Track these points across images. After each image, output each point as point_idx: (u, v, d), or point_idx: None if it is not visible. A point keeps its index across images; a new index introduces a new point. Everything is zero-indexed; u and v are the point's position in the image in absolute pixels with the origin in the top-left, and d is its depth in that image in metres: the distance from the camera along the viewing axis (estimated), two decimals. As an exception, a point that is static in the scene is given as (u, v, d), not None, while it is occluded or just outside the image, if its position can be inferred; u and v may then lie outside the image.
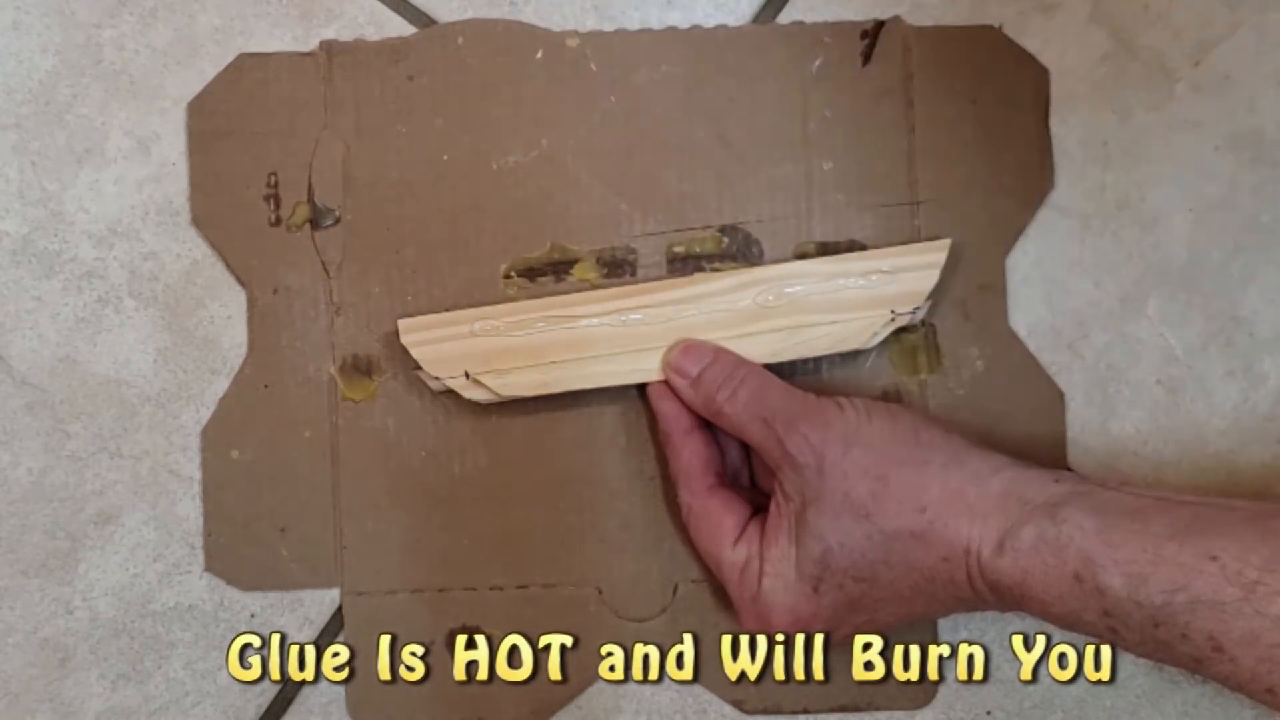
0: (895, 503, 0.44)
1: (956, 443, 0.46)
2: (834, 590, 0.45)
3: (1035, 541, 0.42)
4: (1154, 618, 0.40)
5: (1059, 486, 0.44)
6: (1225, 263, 0.51)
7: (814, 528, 0.45)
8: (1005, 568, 0.43)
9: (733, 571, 0.47)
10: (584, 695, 0.51)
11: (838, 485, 0.45)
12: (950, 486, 0.44)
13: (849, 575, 0.45)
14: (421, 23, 0.51)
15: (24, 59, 0.51)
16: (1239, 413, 0.51)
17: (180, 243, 0.51)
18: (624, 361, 0.49)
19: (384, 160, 0.51)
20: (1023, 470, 0.45)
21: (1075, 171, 0.51)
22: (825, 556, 0.45)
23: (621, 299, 0.49)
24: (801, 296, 0.49)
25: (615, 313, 0.49)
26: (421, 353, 0.49)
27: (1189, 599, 0.40)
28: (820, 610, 0.46)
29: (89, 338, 0.51)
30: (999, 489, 0.44)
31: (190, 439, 0.51)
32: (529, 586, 0.51)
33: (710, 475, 0.49)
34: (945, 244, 0.49)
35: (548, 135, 0.51)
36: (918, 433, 0.45)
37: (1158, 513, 0.42)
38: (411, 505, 0.51)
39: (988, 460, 0.45)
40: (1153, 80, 0.51)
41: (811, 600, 0.46)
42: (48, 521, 0.51)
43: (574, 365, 0.49)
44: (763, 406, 0.46)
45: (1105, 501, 0.43)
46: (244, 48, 0.51)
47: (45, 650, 0.51)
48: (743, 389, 0.47)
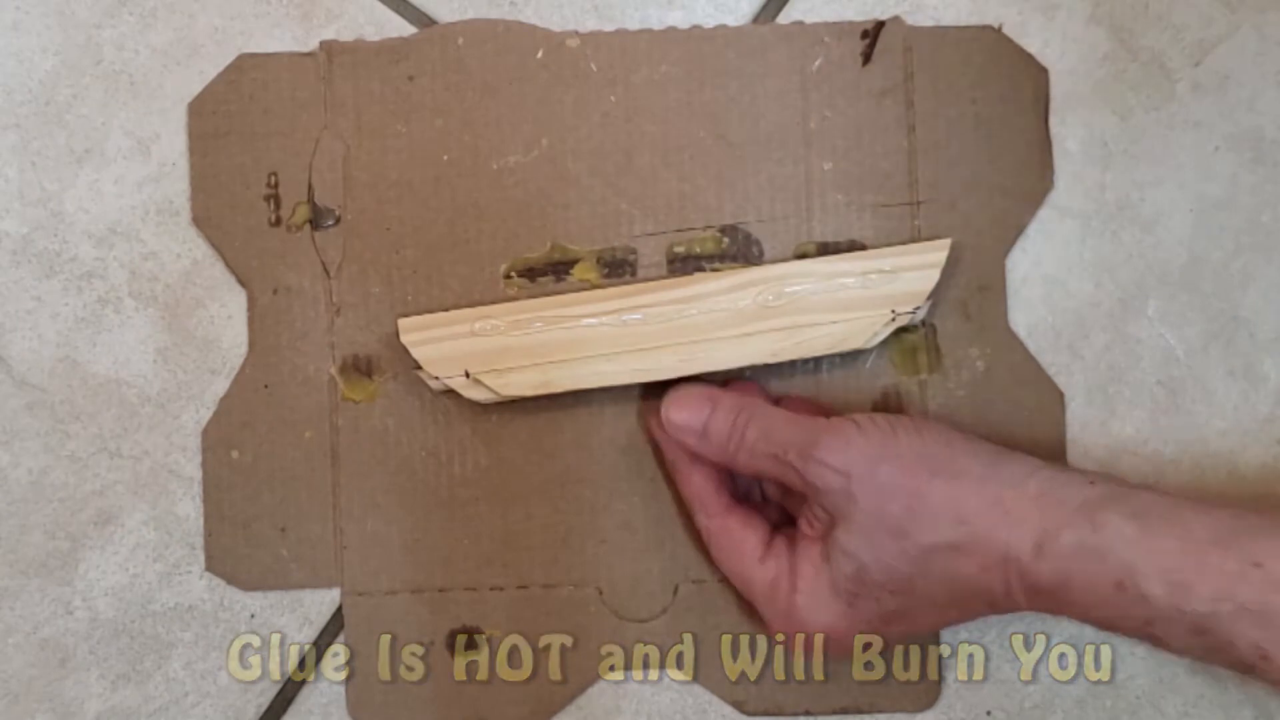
0: (931, 518, 0.43)
1: (988, 449, 0.45)
2: (870, 603, 0.45)
3: (1075, 548, 0.42)
4: (1198, 626, 0.40)
5: (1095, 489, 0.43)
6: (1225, 263, 0.51)
7: (846, 545, 0.45)
8: (1045, 573, 0.42)
9: (764, 588, 0.47)
10: (584, 695, 0.51)
11: (869, 504, 0.44)
12: (988, 495, 0.43)
13: (885, 590, 0.44)
14: (421, 23, 0.51)
15: (24, 59, 0.51)
16: (1239, 413, 0.51)
17: (180, 243, 0.51)
18: (624, 361, 0.49)
19: (384, 160, 0.51)
20: (1057, 472, 0.44)
21: (1075, 171, 0.51)
22: (860, 574, 0.44)
23: (621, 299, 0.49)
24: (802, 296, 0.49)
25: (615, 313, 0.49)
26: (421, 352, 0.49)
27: (1234, 607, 0.39)
28: (856, 624, 0.46)
29: (89, 338, 0.51)
30: (1035, 491, 0.43)
31: (190, 439, 0.51)
32: (529, 587, 0.51)
33: (724, 495, 0.49)
34: (946, 244, 0.49)
35: (548, 135, 0.51)
36: (950, 444, 0.45)
37: (1197, 516, 0.41)
38: (411, 505, 0.51)
39: (1022, 464, 0.44)
40: (1153, 80, 0.51)
41: (847, 615, 0.45)
42: (48, 521, 0.51)
43: (574, 365, 0.49)
44: (772, 443, 0.46)
45: (1144, 505, 0.42)
46: (244, 48, 0.51)
47: (45, 650, 0.51)
48: (750, 430, 0.46)
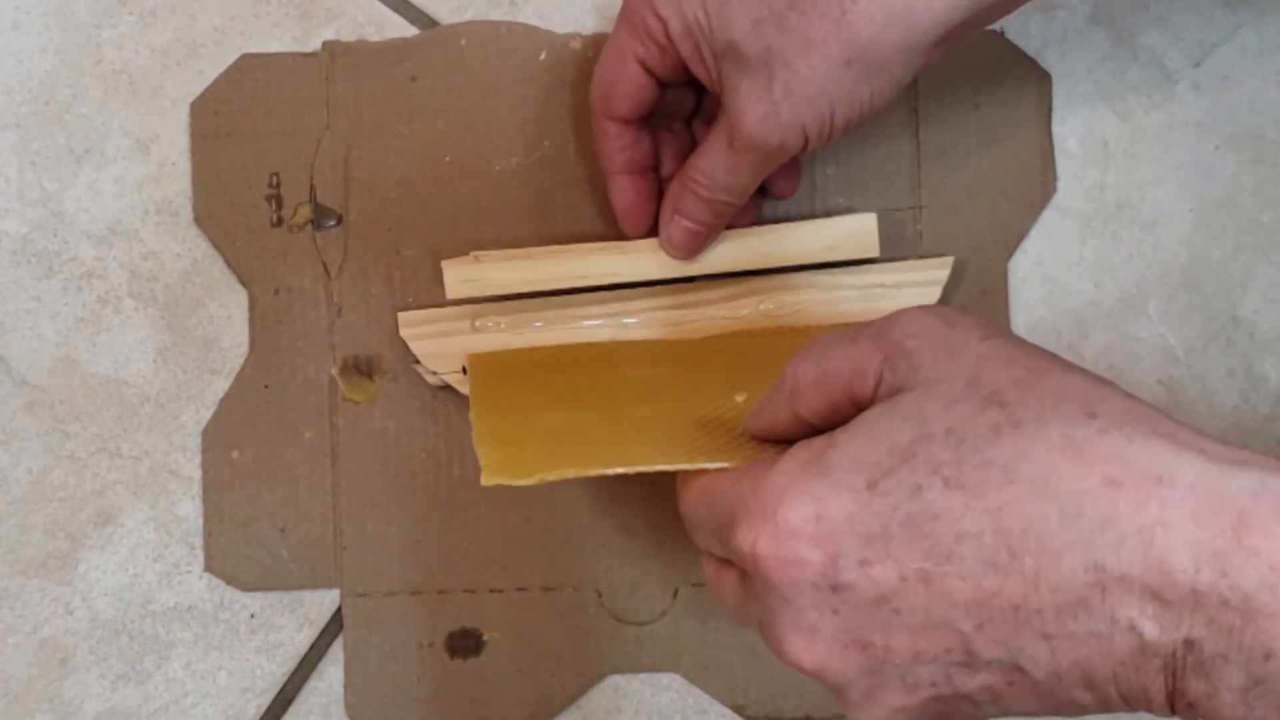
0: (1054, 397, 0.31)
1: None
2: (900, 492, 0.31)
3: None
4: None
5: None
6: (1225, 263, 0.51)
7: (909, 411, 0.32)
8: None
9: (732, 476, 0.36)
10: (584, 696, 0.51)
11: (965, 368, 0.32)
12: (1137, 407, 0.32)
13: (939, 474, 0.31)
14: (421, 23, 0.51)
15: (24, 59, 0.51)
16: (1239, 413, 0.51)
17: (180, 243, 0.51)
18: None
19: (386, 161, 0.51)
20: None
21: (1075, 172, 0.51)
22: (914, 445, 0.31)
23: (621, 302, 0.49)
24: (803, 307, 0.49)
25: (615, 315, 0.49)
26: (420, 346, 0.49)
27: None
28: (860, 516, 0.32)
29: (89, 338, 0.51)
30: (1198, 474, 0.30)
31: (190, 439, 0.51)
32: (528, 589, 0.51)
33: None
34: (948, 261, 0.49)
35: (550, 137, 0.51)
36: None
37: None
38: (411, 507, 0.51)
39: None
40: (1153, 80, 0.51)
41: (854, 500, 0.32)
42: (48, 521, 0.51)
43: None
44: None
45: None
46: (244, 48, 0.51)
47: (45, 650, 0.51)
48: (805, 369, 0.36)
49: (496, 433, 0.42)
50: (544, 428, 0.44)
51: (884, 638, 0.32)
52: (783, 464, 0.34)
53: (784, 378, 0.37)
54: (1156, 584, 0.29)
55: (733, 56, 0.41)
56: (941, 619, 0.31)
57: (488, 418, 0.44)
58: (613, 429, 0.43)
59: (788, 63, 0.41)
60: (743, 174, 0.44)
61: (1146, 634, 0.29)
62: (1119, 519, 0.30)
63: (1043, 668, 0.31)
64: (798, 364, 0.36)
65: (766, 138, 0.42)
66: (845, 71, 0.41)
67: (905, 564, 0.31)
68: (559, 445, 0.42)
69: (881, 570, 0.31)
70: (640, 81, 0.45)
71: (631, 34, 0.43)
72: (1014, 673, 0.31)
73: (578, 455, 0.40)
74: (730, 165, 0.44)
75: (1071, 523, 0.30)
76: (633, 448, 0.40)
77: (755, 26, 0.41)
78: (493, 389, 0.46)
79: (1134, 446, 0.30)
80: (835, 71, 0.41)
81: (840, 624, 0.32)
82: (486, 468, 0.39)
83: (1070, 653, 0.30)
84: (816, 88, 0.41)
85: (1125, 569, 0.29)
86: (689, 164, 0.46)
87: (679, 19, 0.42)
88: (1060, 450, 0.30)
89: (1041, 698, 0.32)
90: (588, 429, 0.43)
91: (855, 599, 0.32)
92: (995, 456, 0.31)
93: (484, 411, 0.44)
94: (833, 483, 0.32)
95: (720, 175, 0.44)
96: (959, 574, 0.31)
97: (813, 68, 0.41)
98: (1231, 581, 0.29)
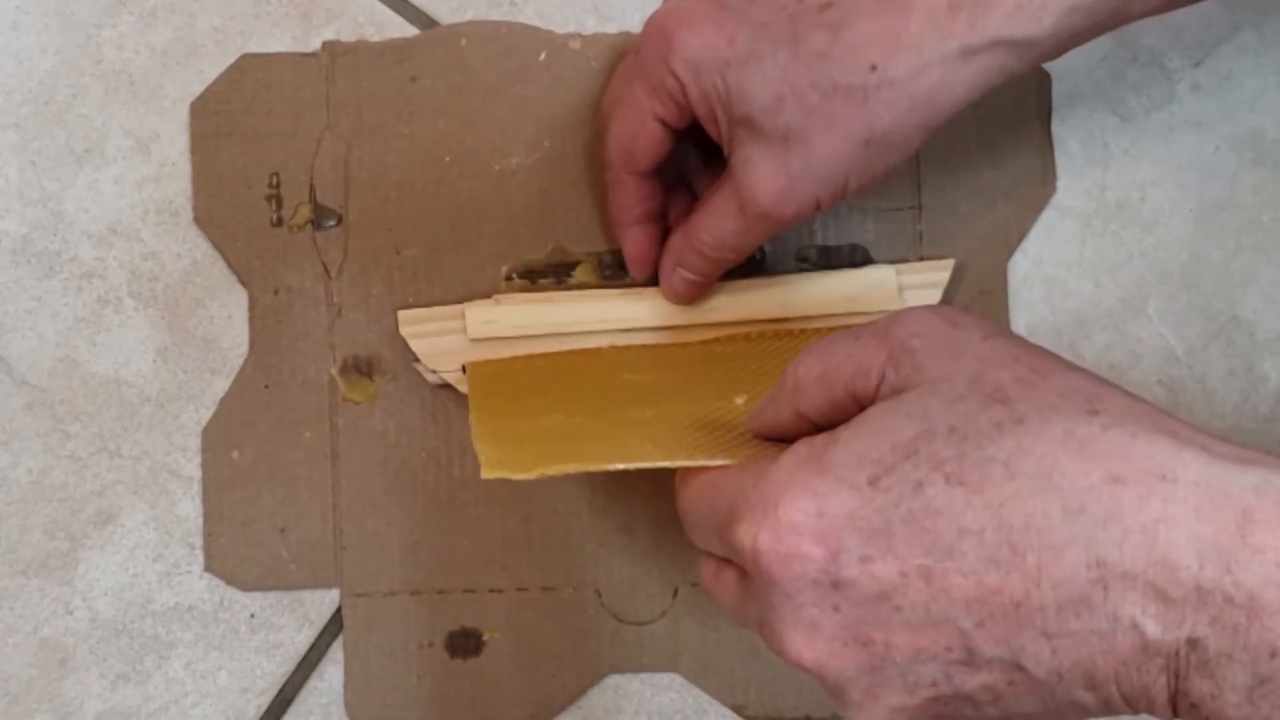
0: (1056, 395, 0.31)
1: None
2: (901, 488, 0.31)
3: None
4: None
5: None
6: (1225, 263, 0.51)
7: (913, 408, 0.32)
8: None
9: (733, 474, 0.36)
10: (584, 696, 0.51)
11: (968, 367, 0.33)
12: (1139, 406, 0.32)
13: (941, 470, 0.31)
14: (421, 23, 0.51)
15: (24, 59, 0.51)
16: (1239, 413, 0.51)
17: (180, 243, 0.51)
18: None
19: (386, 161, 0.51)
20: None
21: (1075, 172, 0.51)
22: (916, 441, 0.32)
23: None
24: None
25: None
26: (420, 345, 0.49)
27: None
28: (861, 512, 0.32)
29: (89, 338, 0.51)
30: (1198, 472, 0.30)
31: (190, 439, 0.51)
32: (528, 589, 0.51)
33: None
34: (949, 264, 0.49)
35: (550, 137, 0.51)
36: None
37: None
38: (411, 507, 0.51)
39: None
40: (1153, 80, 0.51)
41: (855, 496, 0.32)
42: (47, 521, 0.51)
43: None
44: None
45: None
46: (244, 48, 0.51)
47: (45, 650, 0.51)
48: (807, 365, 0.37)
49: (496, 431, 0.43)
50: (544, 427, 0.44)
51: (884, 635, 0.32)
52: (784, 460, 0.34)
53: (787, 376, 0.37)
54: (1160, 580, 0.29)
55: (749, 126, 0.42)
56: (942, 616, 0.31)
57: (487, 420, 0.44)
58: (613, 429, 0.43)
59: (807, 140, 0.41)
60: (751, 238, 0.45)
61: (1149, 633, 0.29)
62: (1122, 515, 0.30)
63: (1044, 666, 0.31)
64: (800, 362, 0.37)
65: (781, 211, 0.43)
66: (864, 150, 0.41)
67: (906, 560, 0.31)
68: (559, 443, 0.42)
69: (883, 566, 0.31)
70: (660, 137, 0.45)
71: (650, 93, 0.44)
72: (1015, 671, 0.31)
73: (578, 451, 0.40)
74: (740, 229, 0.44)
75: (1074, 519, 0.30)
76: (633, 445, 0.40)
77: (776, 103, 0.41)
78: (492, 394, 0.46)
79: (1137, 443, 0.30)
80: (854, 150, 0.41)
81: (841, 621, 0.32)
82: (486, 462, 0.39)
83: (1071, 651, 0.30)
84: (835, 165, 0.41)
85: (1128, 565, 0.29)
86: (695, 223, 0.46)
87: (697, 85, 0.42)
88: (1063, 446, 0.30)
89: (1043, 698, 0.32)
90: (588, 428, 0.43)
91: (856, 595, 0.32)
92: (997, 453, 0.31)
93: (484, 415, 0.44)
94: (834, 479, 0.32)
95: (729, 239, 0.45)
96: (960, 570, 0.31)
97: (833, 148, 0.41)
98: (1236, 578, 0.29)
